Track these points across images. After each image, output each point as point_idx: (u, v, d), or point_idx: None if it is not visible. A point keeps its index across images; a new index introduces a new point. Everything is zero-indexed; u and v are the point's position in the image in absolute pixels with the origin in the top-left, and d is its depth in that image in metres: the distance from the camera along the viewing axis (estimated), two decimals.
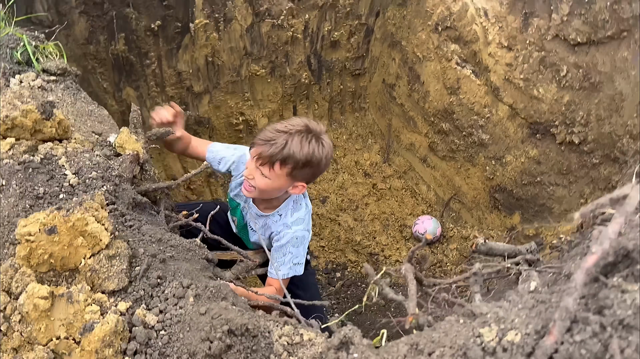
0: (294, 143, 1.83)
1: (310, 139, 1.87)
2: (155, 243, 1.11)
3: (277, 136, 1.84)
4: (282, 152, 1.82)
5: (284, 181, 1.93)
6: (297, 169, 1.88)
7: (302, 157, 1.84)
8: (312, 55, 3.85)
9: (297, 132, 1.86)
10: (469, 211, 3.79)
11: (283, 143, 1.82)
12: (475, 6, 3.26)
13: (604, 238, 0.75)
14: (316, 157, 1.88)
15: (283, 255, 2.07)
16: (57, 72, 1.51)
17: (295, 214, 2.12)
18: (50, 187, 1.11)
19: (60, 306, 0.92)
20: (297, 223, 2.11)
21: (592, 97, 2.84)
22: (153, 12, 3.01)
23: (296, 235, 2.08)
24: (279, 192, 2.03)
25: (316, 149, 1.87)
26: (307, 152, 1.85)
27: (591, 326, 0.71)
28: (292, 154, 1.83)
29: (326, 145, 1.93)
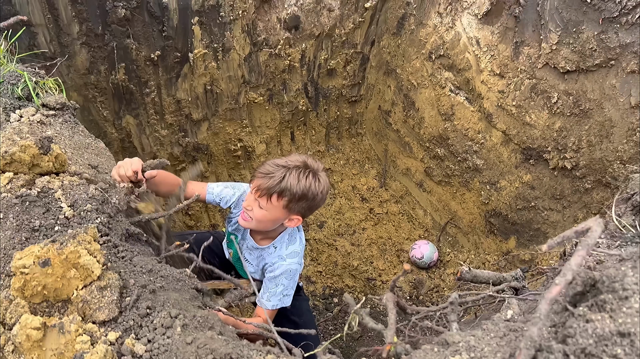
0: (292, 177, 1.90)
1: (307, 174, 1.94)
2: (146, 274, 1.15)
3: (276, 170, 1.92)
4: (280, 185, 1.89)
5: (280, 214, 1.99)
6: (293, 202, 1.94)
7: (298, 190, 1.91)
8: (309, 82, 3.93)
9: (295, 167, 1.94)
10: (465, 236, 3.82)
11: (281, 177, 1.90)
12: (468, 35, 3.34)
13: (566, 269, 0.79)
14: (312, 191, 1.95)
15: (275, 286, 2.12)
16: (56, 106, 1.57)
17: (291, 247, 2.19)
18: (46, 220, 1.16)
19: (52, 337, 0.95)
20: (292, 256, 2.17)
21: (583, 123, 2.89)
22: (153, 42, 3.09)
23: (290, 268, 2.13)
24: (275, 224, 2.09)
25: (313, 184, 1.95)
26: (304, 187, 1.92)
27: (554, 354, 0.74)
28: (288, 187, 1.90)
29: (322, 181, 2.00)
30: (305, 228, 3.93)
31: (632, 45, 2.57)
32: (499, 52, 3.19)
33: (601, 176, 2.87)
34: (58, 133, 1.49)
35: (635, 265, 0.81)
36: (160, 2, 2.95)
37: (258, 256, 2.23)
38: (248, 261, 2.27)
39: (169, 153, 3.60)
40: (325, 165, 4.30)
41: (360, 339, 3.16)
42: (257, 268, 2.25)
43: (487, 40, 3.24)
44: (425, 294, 3.61)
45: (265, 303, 2.09)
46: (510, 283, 1.42)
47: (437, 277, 3.69)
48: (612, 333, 0.74)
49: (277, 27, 3.51)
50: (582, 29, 2.74)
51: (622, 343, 0.73)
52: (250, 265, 2.28)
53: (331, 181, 4.28)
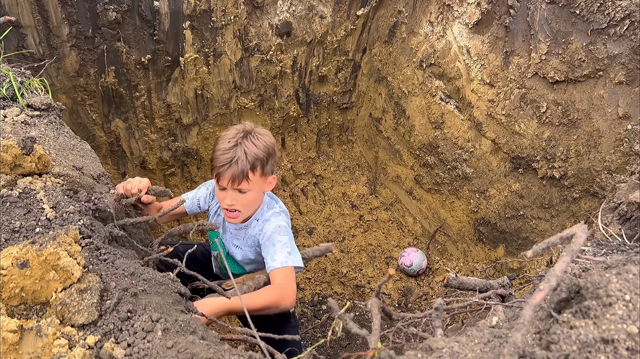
0: (250, 147, 1.96)
1: (254, 136, 2.00)
2: (128, 277, 1.13)
3: (233, 152, 1.94)
4: (249, 160, 1.94)
5: (261, 184, 2.05)
6: (265, 166, 2.01)
7: (262, 153, 1.98)
8: (300, 89, 3.93)
9: (243, 137, 1.98)
10: (454, 244, 3.82)
11: (243, 153, 1.94)
12: (458, 44, 3.36)
13: (551, 276, 0.78)
14: (269, 146, 2.03)
15: (273, 244, 2.07)
16: (41, 107, 1.55)
17: (271, 210, 2.22)
18: (27, 221, 1.14)
19: (29, 340, 0.93)
20: (275, 216, 2.19)
21: (571, 133, 2.91)
22: (143, 46, 3.08)
23: (278, 224, 2.14)
24: (260, 197, 2.14)
25: (266, 141, 2.02)
26: (262, 146, 1.99)
27: None
28: (255, 156, 1.96)
29: (267, 132, 2.08)
30: (294, 235, 3.91)
31: (620, 56, 2.60)
32: (489, 61, 3.21)
33: (589, 185, 2.88)
34: (42, 134, 1.47)
35: (620, 271, 0.81)
36: (152, 6, 2.94)
37: (245, 235, 2.24)
38: (239, 247, 2.27)
39: (158, 158, 3.58)
40: (316, 171, 4.29)
41: (348, 346, 3.14)
42: (249, 247, 2.26)
43: (478, 50, 3.26)
44: (414, 301, 3.60)
45: (271, 264, 2.01)
46: (497, 290, 1.41)
47: (426, 285, 3.69)
48: (595, 339, 0.73)
49: (269, 33, 3.51)
50: (571, 39, 2.76)
51: (605, 350, 0.73)
52: (241, 249, 2.28)
53: (321, 187, 4.27)
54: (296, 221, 4.00)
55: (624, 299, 0.76)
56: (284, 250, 2.04)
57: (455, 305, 1.30)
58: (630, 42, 2.55)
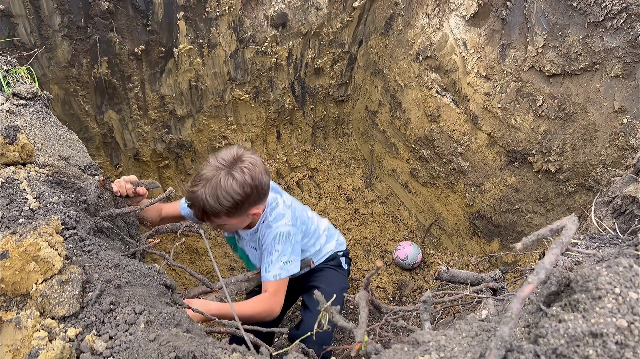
0: (209, 199, 1.78)
1: (225, 184, 1.79)
2: (112, 269, 1.11)
3: (195, 197, 1.81)
4: (206, 210, 1.80)
5: (236, 221, 1.94)
6: (230, 212, 1.84)
7: (221, 207, 1.80)
8: (295, 81, 3.90)
9: (210, 179, 1.79)
10: (450, 238, 3.81)
11: (201, 203, 1.79)
12: (455, 37, 3.34)
13: (540, 268, 0.77)
14: (237, 195, 1.81)
15: (269, 254, 2.04)
16: (27, 96, 1.52)
17: (274, 212, 2.12)
18: (9, 211, 1.12)
19: (8, 332, 0.91)
20: (278, 219, 2.10)
21: (567, 126, 2.89)
22: (137, 36, 3.05)
23: (279, 231, 2.05)
24: (246, 223, 2.06)
25: (235, 190, 1.80)
26: (227, 198, 1.79)
27: (525, 354, 0.72)
28: (212, 209, 1.80)
29: (249, 168, 1.84)
30: None
31: (617, 49, 2.57)
32: (486, 54, 3.18)
33: (584, 179, 2.87)
34: (28, 123, 1.45)
35: (610, 264, 0.79)
36: None
37: (257, 238, 2.19)
38: (257, 249, 2.23)
39: (151, 150, 3.55)
40: (311, 164, 4.27)
41: (342, 340, 3.14)
42: (251, 247, 2.25)
43: (474, 42, 3.23)
44: (408, 295, 3.59)
45: (265, 275, 2.01)
46: (488, 284, 1.40)
47: (421, 278, 3.68)
48: (584, 333, 0.72)
49: (264, 24, 3.48)
50: (567, 32, 2.74)
51: (594, 344, 0.71)
52: (257, 251, 2.24)
53: (317, 181, 4.25)
54: None
55: (613, 293, 0.75)
56: (280, 261, 2.02)
57: (445, 298, 1.29)
58: (627, 35, 2.53)
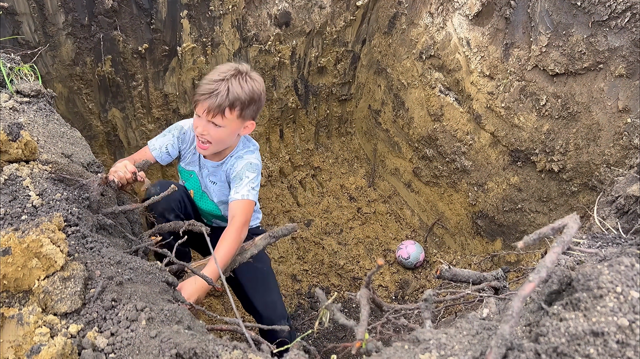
0: (235, 86, 1.96)
1: (245, 78, 2.01)
2: (114, 265, 1.11)
3: (217, 85, 1.96)
4: (229, 97, 1.95)
5: (236, 125, 2.08)
6: (244, 109, 2.02)
7: (245, 96, 1.99)
8: (299, 80, 3.90)
9: (232, 75, 1.98)
10: (452, 237, 3.81)
11: (226, 89, 1.95)
12: (458, 36, 3.33)
13: (541, 267, 0.77)
14: (256, 92, 2.03)
15: (240, 179, 2.16)
16: (30, 93, 1.53)
17: (245, 148, 2.28)
18: (12, 208, 1.12)
19: (10, 328, 0.92)
20: (249, 153, 2.26)
21: (571, 126, 2.89)
22: (140, 35, 3.05)
23: (250, 161, 2.21)
24: (233, 137, 2.18)
25: (254, 86, 2.02)
26: (249, 90, 2.00)
27: (525, 353, 0.72)
28: (237, 96, 1.97)
29: (259, 80, 2.08)
30: None
31: (621, 49, 2.57)
32: (489, 53, 3.18)
33: (588, 179, 2.86)
34: (31, 121, 1.45)
35: (612, 263, 0.79)
36: None
37: (221, 172, 2.30)
38: (215, 183, 2.34)
39: None
40: (314, 163, 4.27)
41: (344, 338, 3.14)
42: (223, 182, 2.33)
43: (478, 41, 3.22)
44: (411, 294, 3.59)
45: (234, 195, 2.12)
46: (490, 283, 1.40)
47: (423, 278, 3.68)
48: (585, 332, 0.72)
49: (268, 23, 3.48)
50: (571, 31, 2.73)
51: (595, 343, 0.71)
52: (217, 185, 2.35)
53: (319, 179, 4.25)
54: (294, 213, 3.99)
55: (615, 292, 0.75)
56: (249, 185, 2.15)
57: (447, 297, 1.29)
58: (631, 34, 2.52)
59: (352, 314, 3.44)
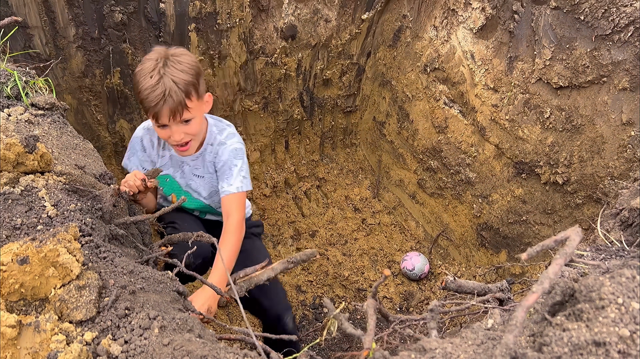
0: (175, 74, 1.85)
1: (175, 60, 1.90)
2: (127, 275, 1.14)
3: (160, 85, 1.83)
4: (180, 88, 1.85)
5: (200, 107, 2.01)
6: (197, 87, 1.93)
7: (190, 76, 1.89)
8: (304, 92, 3.95)
9: (163, 66, 1.86)
10: (457, 249, 3.82)
11: (171, 83, 1.83)
12: (463, 49, 3.37)
13: (544, 278, 0.79)
14: (194, 65, 1.94)
15: (229, 169, 2.11)
16: (45, 106, 1.57)
17: (224, 132, 2.21)
18: (29, 218, 1.15)
19: (27, 335, 0.94)
20: (230, 137, 2.19)
21: (575, 138, 2.91)
22: (149, 47, 3.10)
23: (234, 147, 2.15)
24: (203, 120, 2.13)
25: (188, 60, 1.92)
26: (189, 68, 1.89)
27: None
28: (185, 81, 1.87)
29: (184, 51, 1.98)
30: (297, 237, 3.92)
31: (624, 62, 2.59)
32: (493, 66, 3.21)
33: (592, 191, 2.87)
34: (46, 133, 1.49)
35: (614, 275, 0.81)
36: (158, 8, 2.96)
37: (203, 163, 2.23)
38: (201, 177, 2.27)
39: None
40: (319, 174, 4.30)
41: (349, 349, 3.14)
42: (211, 174, 2.25)
43: (482, 55, 3.26)
44: (415, 306, 3.59)
45: (227, 188, 2.07)
46: (495, 294, 1.41)
47: (428, 289, 3.68)
48: (587, 342, 0.74)
49: (274, 36, 3.53)
50: (575, 45, 2.76)
51: (597, 353, 0.73)
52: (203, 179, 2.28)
53: (324, 190, 4.28)
54: (299, 224, 4.01)
55: (616, 303, 0.77)
56: (240, 175, 2.10)
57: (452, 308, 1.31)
58: (634, 48, 2.55)
59: (357, 325, 3.45)
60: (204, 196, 2.37)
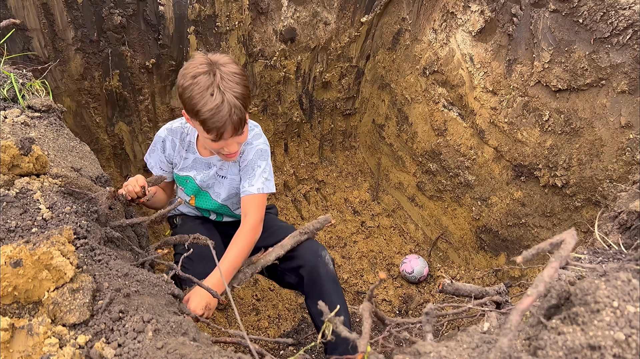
0: (236, 90, 1.79)
1: (228, 74, 1.80)
2: (122, 278, 1.14)
3: (222, 105, 1.77)
4: (240, 107, 1.81)
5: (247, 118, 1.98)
6: (250, 95, 1.91)
7: (246, 89, 1.84)
8: (303, 94, 3.95)
9: (221, 79, 1.78)
10: (456, 251, 3.81)
11: (237, 102, 1.79)
12: (461, 52, 3.37)
13: (539, 281, 0.78)
14: (245, 80, 1.86)
15: (252, 169, 2.09)
16: (41, 108, 1.57)
17: (251, 133, 2.18)
18: (23, 221, 1.15)
19: (20, 339, 0.94)
20: (257, 138, 2.17)
21: (574, 141, 2.90)
22: (148, 50, 3.11)
23: (259, 148, 2.13)
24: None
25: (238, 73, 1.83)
26: (241, 83, 1.82)
27: None
28: (242, 98, 1.82)
29: (228, 61, 1.88)
30: None
31: (623, 65, 2.59)
32: (492, 69, 3.21)
33: (591, 194, 2.87)
34: (42, 135, 1.49)
35: (609, 278, 0.81)
36: (157, 11, 2.97)
37: (231, 164, 2.21)
38: (225, 177, 2.24)
39: None
40: (318, 177, 4.30)
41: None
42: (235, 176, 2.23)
43: (481, 57, 3.26)
44: (414, 309, 3.58)
45: (248, 189, 2.04)
46: (492, 297, 1.41)
47: (427, 292, 3.67)
48: (582, 345, 0.73)
49: (273, 39, 3.53)
50: (573, 48, 2.76)
51: (592, 356, 0.73)
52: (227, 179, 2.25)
53: (323, 193, 4.27)
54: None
55: (611, 306, 0.76)
56: (262, 176, 2.08)
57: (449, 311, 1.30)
58: (633, 51, 2.54)
59: (356, 328, 3.44)
60: (222, 198, 2.34)
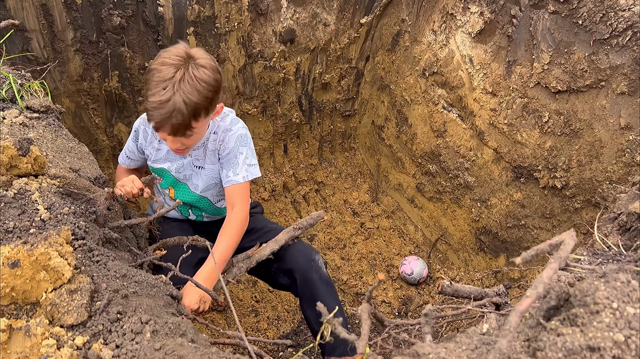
0: (189, 94, 1.65)
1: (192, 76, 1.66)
2: (120, 279, 1.13)
3: (171, 105, 1.64)
4: (189, 111, 1.66)
5: (207, 121, 1.89)
6: (208, 109, 1.78)
7: (203, 98, 1.69)
8: (303, 96, 3.94)
9: (180, 80, 1.65)
10: (456, 253, 3.81)
11: (183, 104, 1.64)
12: (461, 53, 3.37)
13: (538, 282, 0.78)
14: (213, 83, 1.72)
15: (235, 157, 2.01)
16: (40, 109, 1.56)
17: (227, 119, 2.09)
18: (21, 222, 1.15)
19: (18, 340, 0.93)
20: (235, 123, 2.08)
21: (573, 143, 2.90)
22: (147, 51, 3.10)
23: (240, 133, 2.04)
24: (207, 124, 2.00)
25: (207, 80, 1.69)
26: (203, 90, 1.68)
27: None
28: (197, 105, 1.68)
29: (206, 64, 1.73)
30: None
31: (622, 67, 2.59)
32: (492, 70, 3.21)
33: (590, 196, 2.87)
34: (40, 136, 1.49)
35: (608, 279, 0.80)
36: (156, 12, 2.97)
37: (204, 152, 2.11)
38: (202, 168, 2.15)
39: None
40: (317, 178, 4.29)
41: None
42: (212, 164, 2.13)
43: (480, 59, 3.26)
44: (414, 310, 3.58)
45: (233, 178, 1.97)
46: (492, 298, 1.41)
47: (427, 294, 3.67)
48: (581, 347, 0.73)
49: (273, 40, 3.53)
50: (573, 49, 2.76)
51: (591, 358, 0.72)
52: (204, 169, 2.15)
53: (323, 194, 4.27)
54: None
55: (611, 307, 0.76)
56: (245, 163, 2.01)
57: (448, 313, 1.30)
58: (632, 52, 2.54)
59: (355, 330, 3.43)
60: (201, 189, 2.23)
